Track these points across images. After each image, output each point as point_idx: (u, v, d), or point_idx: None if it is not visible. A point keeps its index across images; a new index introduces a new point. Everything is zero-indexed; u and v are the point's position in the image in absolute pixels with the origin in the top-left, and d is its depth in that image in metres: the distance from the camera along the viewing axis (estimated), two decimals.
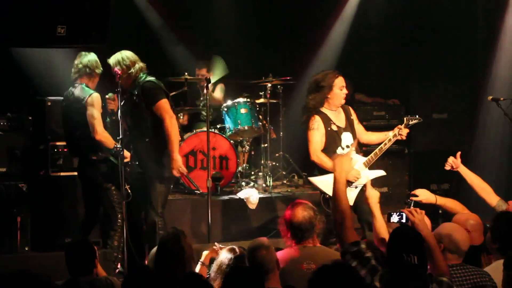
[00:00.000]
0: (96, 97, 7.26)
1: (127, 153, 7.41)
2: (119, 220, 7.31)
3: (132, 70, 7.29)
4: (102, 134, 7.20)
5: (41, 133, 8.36)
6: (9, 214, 8.02)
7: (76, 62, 7.41)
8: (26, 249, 8.00)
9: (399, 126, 7.47)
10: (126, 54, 7.35)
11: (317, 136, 7.33)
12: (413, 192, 6.08)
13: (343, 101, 7.50)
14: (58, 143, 8.24)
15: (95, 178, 7.41)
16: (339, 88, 7.41)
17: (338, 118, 7.49)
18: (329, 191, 7.16)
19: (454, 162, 6.40)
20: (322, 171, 7.34)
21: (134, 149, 7.52)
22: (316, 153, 7.30)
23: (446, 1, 10.51)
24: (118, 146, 7.13)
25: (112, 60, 7.33)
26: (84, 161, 7.51)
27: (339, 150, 7.35)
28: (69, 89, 7.48)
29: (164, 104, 7.26)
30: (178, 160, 7.20)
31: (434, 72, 10.68)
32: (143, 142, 7.36)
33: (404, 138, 7.45)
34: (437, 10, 10.62)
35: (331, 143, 7.35)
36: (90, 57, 7.39)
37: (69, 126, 7.57)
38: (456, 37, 10.63)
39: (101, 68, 7.49)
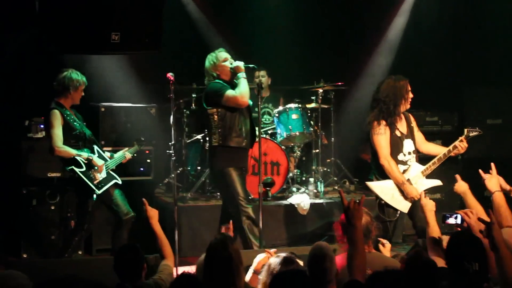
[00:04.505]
0: (52, 114, 7.35)
1: (99, 161, 7.53)
2: None
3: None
4: (58, 149, 7.30)
5: (95, 138, 8.31)
6: (63, 219, 8.26)
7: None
8: (79, 253, 8.15)
9: (460, 137, 7.42)
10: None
11: (385, 140, 7.31)
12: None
13: (408, 105, 7.49)
14: (110, 148, 8.35)
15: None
16: (408, 92, 7.44)
17: (401, 125, 7.47)
18: (385, 197, 7.27)
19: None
20: (381, 176, 7.37)
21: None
22: (388, 158, 7.28)
23: (500, 4, 10.40)
24: (86, 156, 7.38)
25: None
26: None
27: (400, 156, 7.35)
28: None
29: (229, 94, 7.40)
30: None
31: (488, 76, 10.59)
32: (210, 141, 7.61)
33: (462, 151, 7.42)
34: (490, 14, 10.56)
35: (394, 149, 7.33)
36: (65, 74, 7.47)
37: None
38: (510, 38, 10.48)
39: (77, 86, 7.48)
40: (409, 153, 7.43)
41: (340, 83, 9.94)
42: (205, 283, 4.45)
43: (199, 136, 9.76)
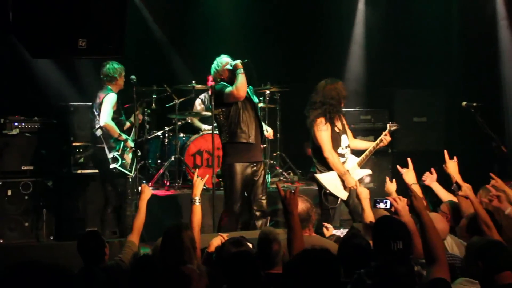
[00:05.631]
0: (111, 95, 8.19)
1: (131, 143, 8.33)
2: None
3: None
4: (107, 123, 8.13)
5: (65, 135, 8.91)
6: (36, 207, 8.57)
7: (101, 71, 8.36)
8: (51, 238, 8.57)
9: (384, 132, 7.96)
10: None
11: (327, 136, 7.65)
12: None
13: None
14: (79, 144, 8.85)
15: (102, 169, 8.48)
16: (345, 92, 7.91)
17: (338, 122, 7.88)
18: (329, 187, 7.77)
19: (429, 177, 6.79)
20: (323, 168, 7.77)
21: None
22: (331, 151, 7.64)
23: (426, 15, 10.98)
24: (124, 137, 8.21)
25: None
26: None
27: (339, 150, 7.77)
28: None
29: (227, 91, 7.53)
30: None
31: (415, 79, 11.00)
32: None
33: (387, 143, 7.96)
34: (416, 21, 11.04)
35: (334, 144, 7.73)
36: (108, 66, 8.28)
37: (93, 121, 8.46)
38: (433, 45, 11.05)
39: (121, 72, 8.32)
40: (346, 147, 7.87)
41: (284, 86, 10.38)
42: (161, 264, 4.58)
43: (159, 133, 10.14)
